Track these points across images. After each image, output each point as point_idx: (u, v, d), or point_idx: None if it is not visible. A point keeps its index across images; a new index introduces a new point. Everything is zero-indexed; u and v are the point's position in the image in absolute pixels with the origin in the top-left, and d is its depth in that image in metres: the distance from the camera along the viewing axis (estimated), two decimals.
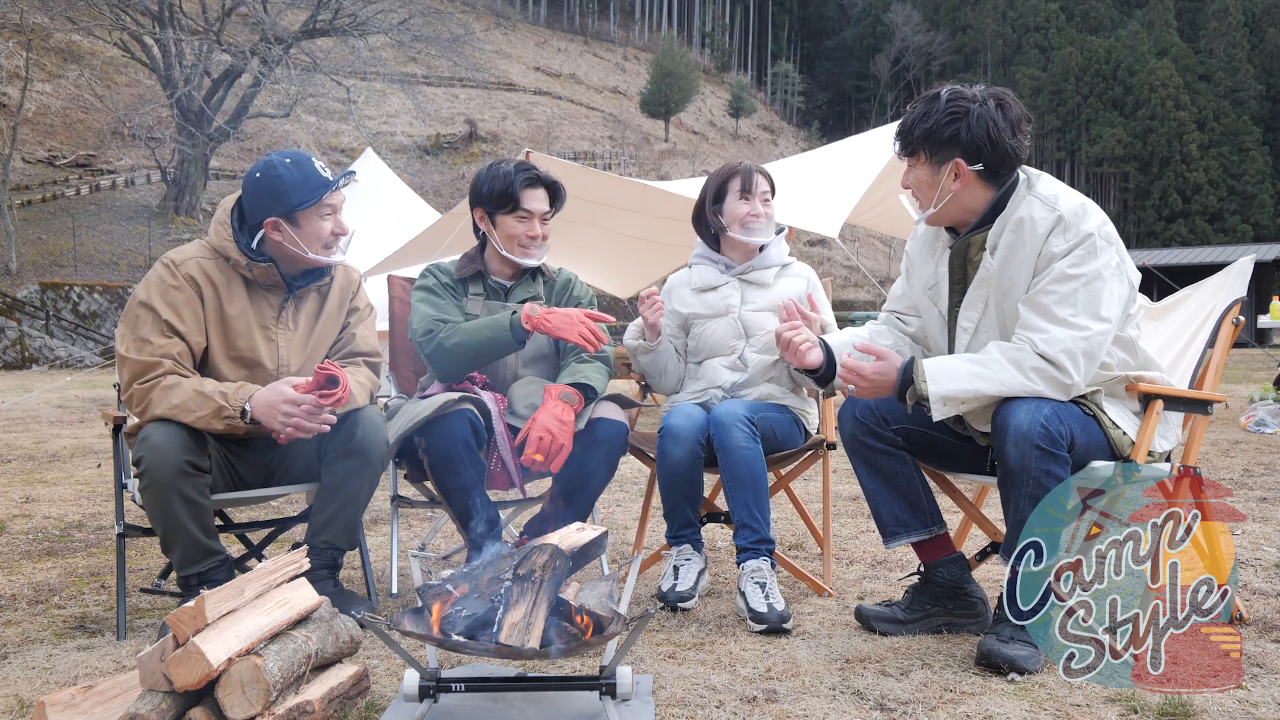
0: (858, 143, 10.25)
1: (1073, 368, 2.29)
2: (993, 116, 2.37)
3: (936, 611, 2.62)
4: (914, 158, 2.47)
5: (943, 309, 2.58)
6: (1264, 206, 60.49)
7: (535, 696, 2.13)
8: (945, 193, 2.43)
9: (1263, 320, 12.18)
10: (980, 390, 2.33)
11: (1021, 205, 2.40)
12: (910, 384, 2.39)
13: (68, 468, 6.24)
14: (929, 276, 2.61)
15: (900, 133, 2.49)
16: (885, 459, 2.62)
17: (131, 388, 2.57)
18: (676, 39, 65.87)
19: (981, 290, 2.45)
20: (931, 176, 2.44)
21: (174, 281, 2.63)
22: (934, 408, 2.36)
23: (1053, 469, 2.27)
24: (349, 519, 2.70)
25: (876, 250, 44.64)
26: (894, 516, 2.63)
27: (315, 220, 2.68)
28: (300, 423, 2.54)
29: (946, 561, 2.64)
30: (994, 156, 2.38)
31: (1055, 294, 2.31)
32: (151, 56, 25.54)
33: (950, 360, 2.41)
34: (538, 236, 3.06)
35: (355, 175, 2.82)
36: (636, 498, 4.73)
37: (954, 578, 2.63)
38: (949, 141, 2.39)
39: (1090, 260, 2.30)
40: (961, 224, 2.50)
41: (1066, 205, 2.35)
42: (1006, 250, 2.39)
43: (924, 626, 2.61)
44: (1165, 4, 70.83)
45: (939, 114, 2.39)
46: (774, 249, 3.26)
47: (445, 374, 2.98)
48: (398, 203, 12.70)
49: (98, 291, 23.40)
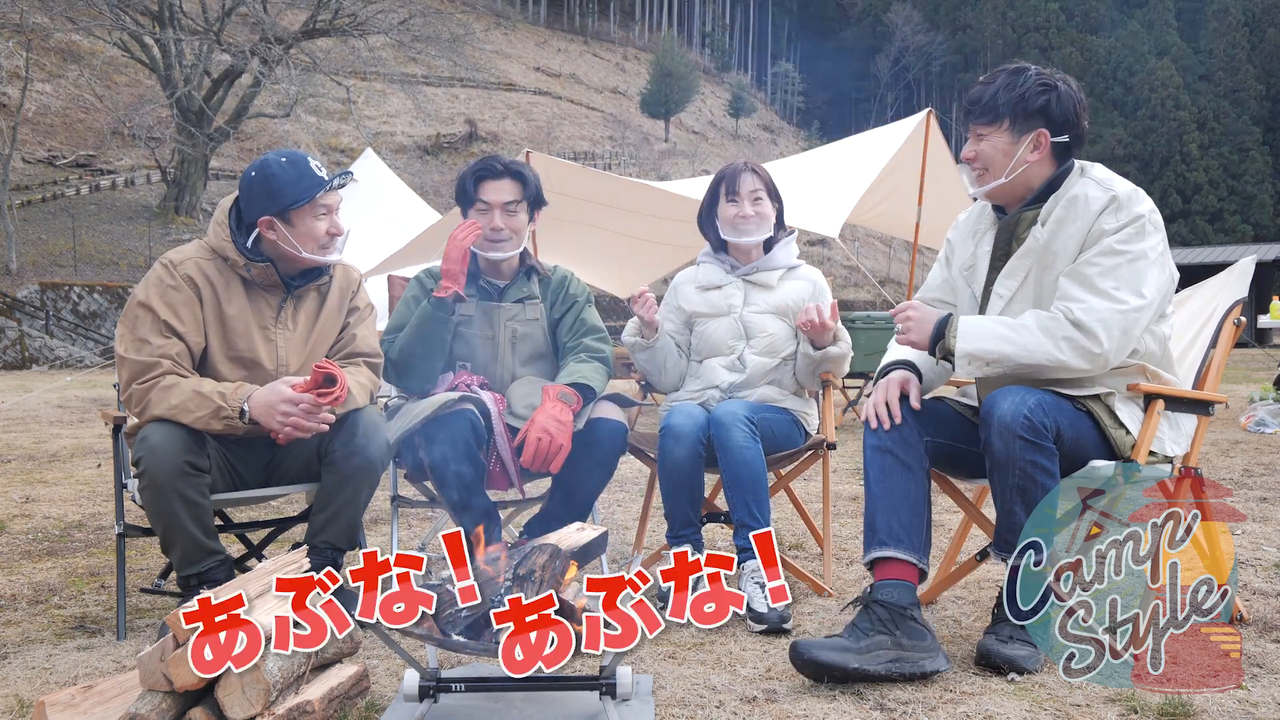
0: (858, 143, 10.27)
1: (1105, 337, 2.30)
2: (1075, 95, 2.46)
3: (883, 641, 2.27)
4: (994, 126, 2.47)
5: (976, 289, 2.60)
6: (1264, 206, 60.51)
7: (535, 696, 2.13)
8: (1021, 163, 2.46)
9: (1263, 320, 12.19)
10: (1004, 352, 2.35)
11: (1076, 185, 2.45)
12: (943, 338, 2.43)
13: (68, 468, 6.24)
14: (967, 258, 2.64)
15: (980, 100, 2.49)
16: (903, 473, 2.50)
17: (130, 388, 2.57)
18: (676, 39, 65.81)
19: (1025, 260, 2.48)
20: (1010, 145, 2.46)
21: (172, 282, 2.63)
22: (958, 363, 2.39)
23: (1038, 459, 2.27)
24: (349, 519, 2.70)
25: (876, 250, 44.62)
26: (889, 528, 2.45)
27: (310, 219, 2.67)
28: (299, 422, 2.54)
29: (893, 585, 2.36)
30: (1074, 132, 2.45)
31: (1100, 266, 2.34)
32: (151, 56, 25.52)
33: (985, 320, 2.44)
34: (500, 228, 3.04)
35: (353, 175, 2.82)
36: (636, 498, 4.73)
37: (902, 600, 2.33)
38: (1038, 112, 2.43)
39: (1139, 240, 2.34)
40: (1015, 200, 2.53)
41: (1121, 188, 2.40)
42: (1056, 224, 2.43)
43: (873, 660, 2.24)
44: (1165, 4, 70.87)
45: (1029, 84, 2.44)
46: (781, 251, 3.25)
47: (404, 371, 2.99)
48: (398, 203, 12.72)
49: (98, 291, 23.40)
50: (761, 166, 3.32)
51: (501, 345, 3.07)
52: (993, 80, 2.50)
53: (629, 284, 12.62)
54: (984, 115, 2.49)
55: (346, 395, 2.58)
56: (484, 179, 3.06)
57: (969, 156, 2.54)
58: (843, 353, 3.14)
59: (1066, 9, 72.30)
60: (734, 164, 3.31)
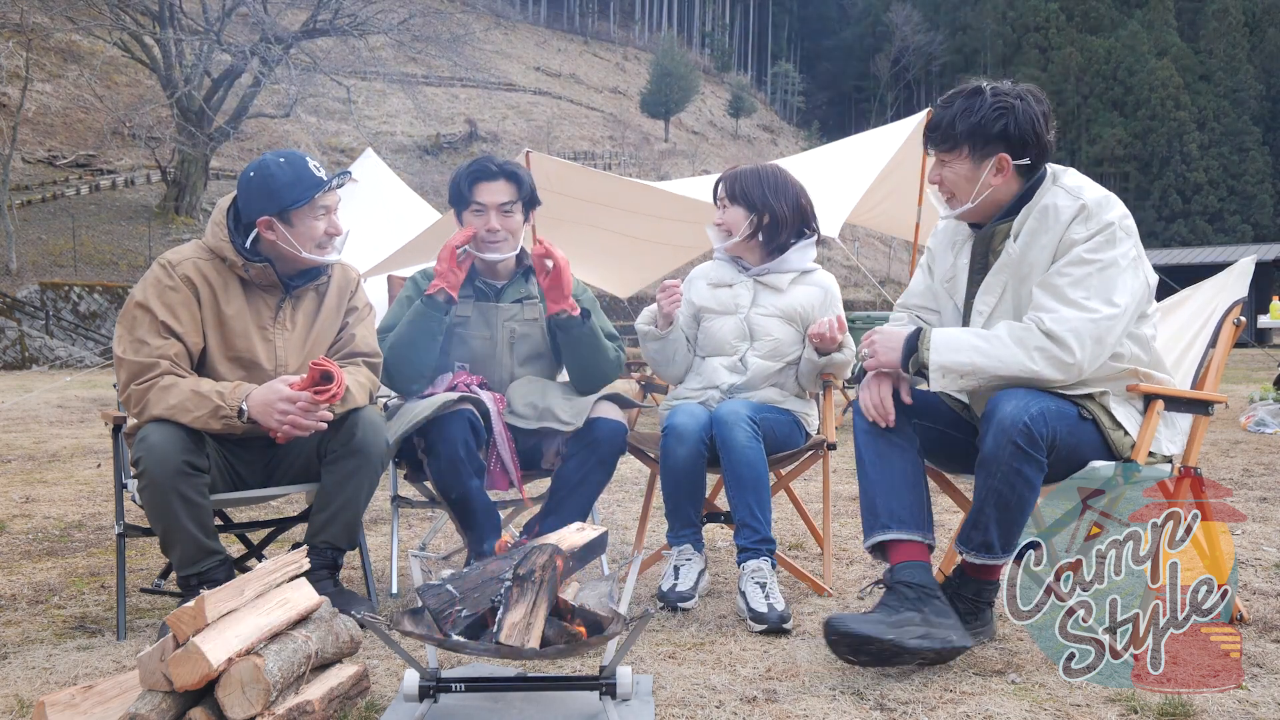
0: (858, 143, 10.26)
1: (1077, 346, 2.29)
2: (1034, 112, 2.41)
3: (912, 618, 2.31)
4: (954, 153, 2.46)
5: (958, 301, 2.59)
6: (1264, 206, 60.52)
7: (535, 696, 2.13)
8: (985, 187, 2.44)
9: (1263, 320, 12.18)
10: (978, 364, 2.35)
11: (1047, 194, 2.43)
12: (915, 352, 2.42)
13: (68, 468, 6.24)
14: (947, 269, 2.63)
15: (938, 128, 2.47)
16: (896, 453, 2.53)
17: (129, 388, 2.57)
18: (676, 39, 65.79)
19: (1000, 275, 2.47)
20: (973, 171, 2.45)
21: (170, 282, 2.63)
22: (932, 377, 2.38)
23: (1024, 469, 2.26)
24: (349, 519, 2.70)
25: (876, 250, 44.63)
26: (889, 509, 2.47)
27: (308, 220, 2.67)
28: (297, 420, 2.54)
29: (913, 566, 2.40)
30: (1036, 150, 2.42)
31: (1070, 276, 2.33)
32: (151, 56, 25.51)
33: (957, 332, 2.44)
34: (496, 229, 3.03)
35: (351, 175, 2.82)
36: (636, 498, 4.73)
37: (924, 580, 2.38)
38: (997, 137, 2.40)
39: (1108, 248, 2.32)
40: (988, 217, 2.52)
41: (1091, 196, 2.38)
42: (1029, 236, 2.41)
43: (905, 634, 2.26)
44: (1165, 4, 70.83)
45: (985, 109, 2.40)
46: (795, 254, 3.21)
47: (397, 374, 2.98)
48: (398, 203, 12.71)
49: (98, 291, 23.39)
50: (746, 173, 3.21)
51: (500, 345, 3.07)
52: (950, 104, 2.47)
53: (629, 284, 12.62)
54: (943, 143, 2.47)
55: (344, 393, 2.58)
56: (479, 180, 3.05)
57: (935, 180, 2.53)
58: (846, 360, 3.14)
59: (1066, 9, 72.28)
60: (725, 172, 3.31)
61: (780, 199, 3.17)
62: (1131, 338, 2.42)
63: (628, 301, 14.72)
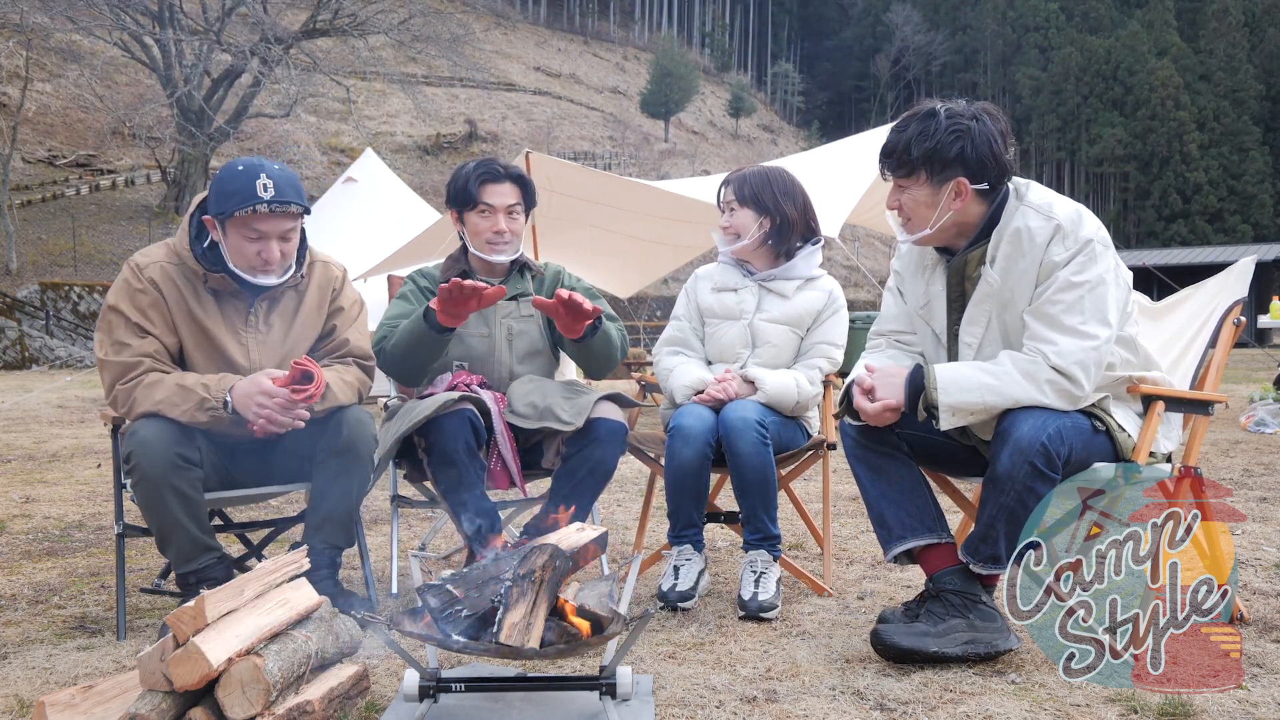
0: (858, 142, 10.25)
1: (1084, 379, 2.28)
2: (990, 132, 2.35)
3: (958, 625, 2.37)
4: (911, 178, 2.41)
5: (937, 328, 2.55)
6: (1264, 206, 60.47)
7: (535, 696, 2.13)
8: (945, 212, 2.38)
9: (1263, 320, 12.19)
10: (990, 402, 2.32)
11: (1016, 216, 2.37)
12: (921, 391, 2.37)
13: (68, 468, 6.24)
14: (920, 295, 2.58)
15: (893, 153, 2.41)
16: (890, 463, 2.54)
17: (115, 389, 2.57)
18: (676, 39, 65.84)
19: (983, 306, 2.42)
20: (931, 196, 2.39)
21: (139, 285, 2.62)
22: (942, 417, 2.34)
23: (1038, 487, 2.26)
24: (343, 517, 2.70)
25: (876, 250, 44.62)
26: (900, 520, 2.49)
27: (236, 235, 2.58)
28: (272, 415, 2.52)
29: (952, 572, 2.44)
30: (995, 171, 2.36)
31: (1062, 303, 2.29)
32: (151, 56, 25.50)
33: (962, 369, 2.38)
34: (503, 231, 3.03)
35: (293, 206, 2.56)
36: (636, 498, 4.73)
37: (964, 587, 2.41)
38: (954, 161, 2.34)
39: (1092, 266, 2.30)
40: (953, 243, 2.47)
41: (1062, 213, 2.33)
42: (1006, 262, 2.37)
43: (950, 642, 2.34)
44: (1165, 4, 70.80)
45: (941, 133, 2.33)
46: (802, 260, 3.18)
47: (396, 377, 3.00)
48: (398, 203, 12.73)
49: (98, 291, 23.40)
50: (755, 175, 3.19)
51: (498, 343, 3.06)
52: (904, 128, 2.41)
53: (629, 284, 12.62)
54: (899, 169, 2.42)
55: (323, 393, 2.57)
56: (487, 182, 3.04)
57: (893, 206, 2.48)
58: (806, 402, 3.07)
59: (1066, 9, 72.26)
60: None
61: (790, 201, 3.15)
62: (1118, 342, 2.41)
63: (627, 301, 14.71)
